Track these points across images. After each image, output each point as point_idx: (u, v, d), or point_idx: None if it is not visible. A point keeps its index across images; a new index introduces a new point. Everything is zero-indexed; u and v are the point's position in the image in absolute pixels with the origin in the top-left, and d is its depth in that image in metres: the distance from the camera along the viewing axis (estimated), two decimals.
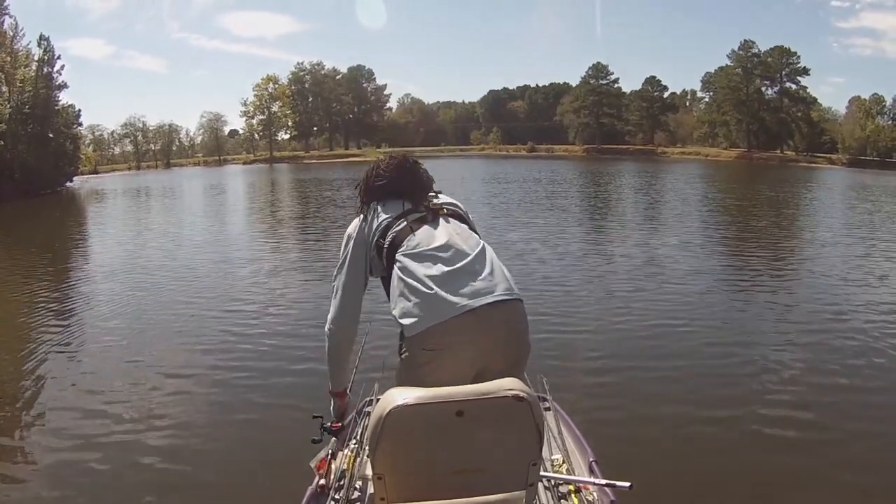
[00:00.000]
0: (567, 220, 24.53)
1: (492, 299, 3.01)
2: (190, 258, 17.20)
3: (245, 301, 12.09)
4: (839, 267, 14.78)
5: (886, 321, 10.09)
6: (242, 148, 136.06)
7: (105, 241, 22.62)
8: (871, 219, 26.36)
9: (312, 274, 14.74)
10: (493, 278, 3.11)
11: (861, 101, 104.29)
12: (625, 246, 17.55)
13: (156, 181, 67.20)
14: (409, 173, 3.53)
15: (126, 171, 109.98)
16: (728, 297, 11.94)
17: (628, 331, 9.63)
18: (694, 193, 38.14)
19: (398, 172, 3.51)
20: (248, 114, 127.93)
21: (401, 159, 3.58)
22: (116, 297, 12.73)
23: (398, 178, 3.49)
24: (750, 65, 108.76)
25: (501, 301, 3.03)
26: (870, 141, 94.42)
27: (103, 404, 7.27)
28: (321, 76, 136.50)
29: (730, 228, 23.25)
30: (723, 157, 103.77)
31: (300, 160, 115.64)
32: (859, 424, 6.42)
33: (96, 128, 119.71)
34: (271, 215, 30.34)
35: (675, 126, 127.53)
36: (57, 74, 65.17)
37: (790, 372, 7.88)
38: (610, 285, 12.72)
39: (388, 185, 3.48)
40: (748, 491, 5.26)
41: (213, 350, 9.22)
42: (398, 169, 3.52)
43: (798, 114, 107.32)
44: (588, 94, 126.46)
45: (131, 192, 50.76)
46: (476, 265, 3.13)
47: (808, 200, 35.54)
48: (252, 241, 21.76)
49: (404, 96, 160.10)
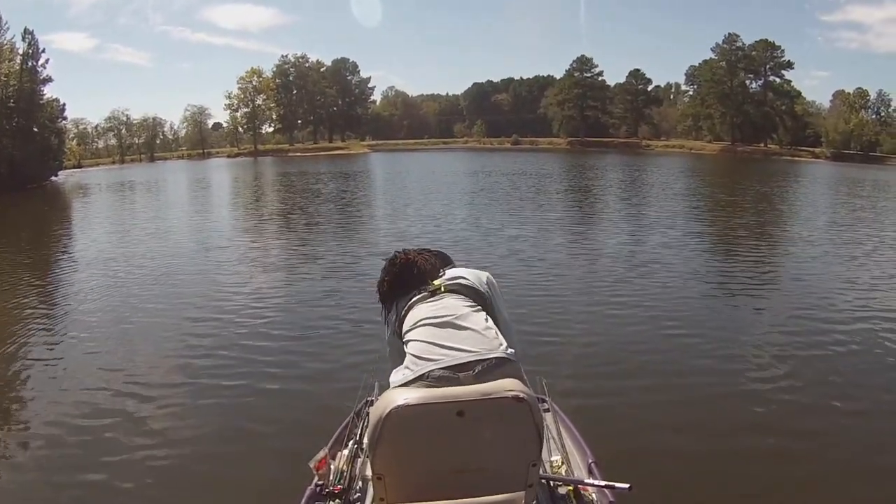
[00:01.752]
0: (561, 218, 24.62)
1: (470, 359, 2.97)
2: (176, 256, 17.14)
3: (240, 301, 12.08)
4: (842, 268, 14.76)
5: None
6: (226, 141, 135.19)
7: (91, 237, 22.31)
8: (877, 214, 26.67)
9: (301, 269, 14.90)
10: (477, 338, 3.09)
11: (845, 95, 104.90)
12: (624, 246, 17.52)
13: (140, 175, 66.67)
14: (406, 268, 3.61)
15: (110, 164, 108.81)
16: (728, 298, 11.98)
17: (628, 332, 9.66)
18: (684, 188, 38.38)
19: (399, 271, 3.61)
20: (233, 107, 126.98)
21: (390, 260, 3.69)
22: (101, 295, 12.76)
23: (399, 273, 3.60)
24: (734, 58, 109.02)
25: (487, 367, 2.94)
26: (853, 135, 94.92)
27: (92, 405, 7.27)
28: (305, 69, 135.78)
29: (722, 225, 23.23)
30: (707, 150, 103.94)
31: (284, 153, 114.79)
32: (863, 428, 6.46)
33: (80, 122, 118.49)
34: (256, 210, 30.17)
35: (659, 119, 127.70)
36: (41, 68, 64.85)
37: (791, 372, 7.94)
38: (610, 286, 12.65)
39: (395, 284, 3.57)
40: (747, 493, 5.28)
41: (207, 349, 9.24)
42: (391, 266, 3.64)
43: (782, 107, 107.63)
44: (572, 87, 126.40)
45: (115, 187, 50.38)
46: (462, 329, 3.14)
47: (805, 195, 36.09)
48: (238, 236, 21.61)
49: (388, 89, 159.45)
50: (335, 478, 3.30)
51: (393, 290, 3.58)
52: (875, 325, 9.89)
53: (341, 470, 3.34)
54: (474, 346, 3.06)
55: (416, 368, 2.97)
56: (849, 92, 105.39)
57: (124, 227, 24.97)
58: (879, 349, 8.77)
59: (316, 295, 12.44)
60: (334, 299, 11.95)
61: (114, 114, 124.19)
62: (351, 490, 3.24)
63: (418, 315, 3.25)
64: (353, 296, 11.80)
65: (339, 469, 3.35)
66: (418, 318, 3.22)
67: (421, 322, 3.20)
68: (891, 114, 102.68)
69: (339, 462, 3.40)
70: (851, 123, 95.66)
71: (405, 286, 3.53)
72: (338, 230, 21.94)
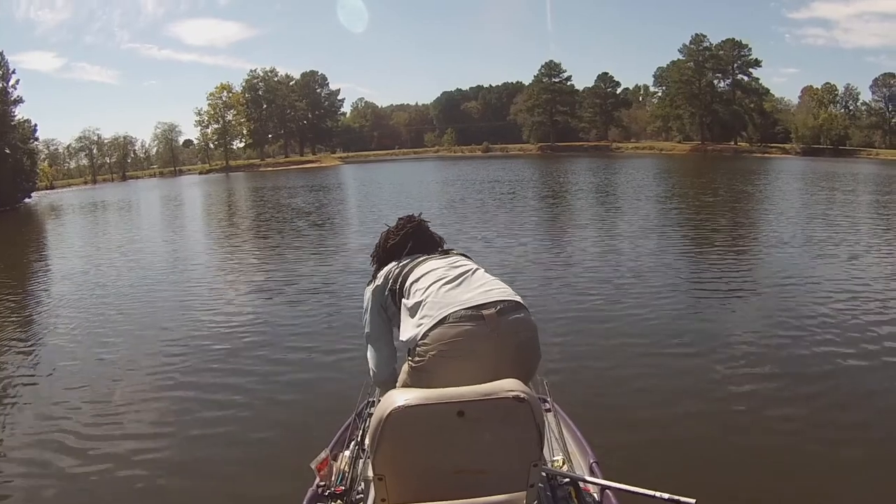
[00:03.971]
0: (545, 223, 24.63)
1: (494, 298, 3.09)
2: (151, 277, 16.72)
3: (239, 303, 12.35)
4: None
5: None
6: (198, 158, 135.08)
7: (66, 261, 21.99)
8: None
9: (300, 271, 15.22)
10: (497, 285, 3.22)
11: (813, 90, 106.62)
12: (623, 246, 17.51)
13: (113, 195, 66.10)
14: (419, 228, 3.70)
15: (82, 185, 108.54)
16: (728, 298, 11.86)
17: (628, 332, 9.64)
18: (664, 189, 38.30)
19: (409, 228, 3.68)
20: (203, 123, 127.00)
21: (408, 217, 3.77)
22: (79, 314, 12.61)
23: (410, 233, 3.64)
24: (702, 58, 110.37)
25: (507, 308, 3.07)
26: (823, 129, 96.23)
27: (90, 418, 7.23)
28: (275, 83, 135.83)
29: (713, 225, 23.23)
30: (677, 150, 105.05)
31: (256, 168, 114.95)
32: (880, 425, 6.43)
33: (51, 142, 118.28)
34: (231, 227, 29.84)
35: (628, 121, 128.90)
36: (12, 89, 64.48)
37: (793, 371, 7.90)
38: (610, 286, 12.65)
39: (401, 242, 3.62)
40: (749, 491, 5.28)
41: (206, 353, 9.30)
42: (408, 223, 3.71)
43: (751, 105, 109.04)
44: (541, 93, 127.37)
45: (89, 208, 49.93)
46: (479, 279, 3.25)
47: (779, 190, 36.24)
48: (213, 254, 21.36)
49: (358, 100, 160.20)
50: (337, 479, 3.30)
51: (399, 248, 3.61)
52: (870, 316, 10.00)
53: (343, 471, 3.35)
54: (493, 288, 3.17)
55: (436, 313, 3.03)
56: (817, 88, 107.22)
57: (99, 248, 24.60)
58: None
59: (316, 295, 12.59)
60: (335, 299, 12.07)
61: (85, 133, 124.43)
62: (352, 491, 3.25)
63: (430, 267, 3.32)
64: (353, 295, 11.70)
65: (340, 470, 3.35)
66: (430, 270, 3.30)
67: (434, 272, 3.26)
68: (859, 107, 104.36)
69: (341, 463, 3.40)
70: (820, 118, 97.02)
71: (415, 247, 3.58)
72: (335, 232, 22.17)
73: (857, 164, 68.56)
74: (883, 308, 10.46)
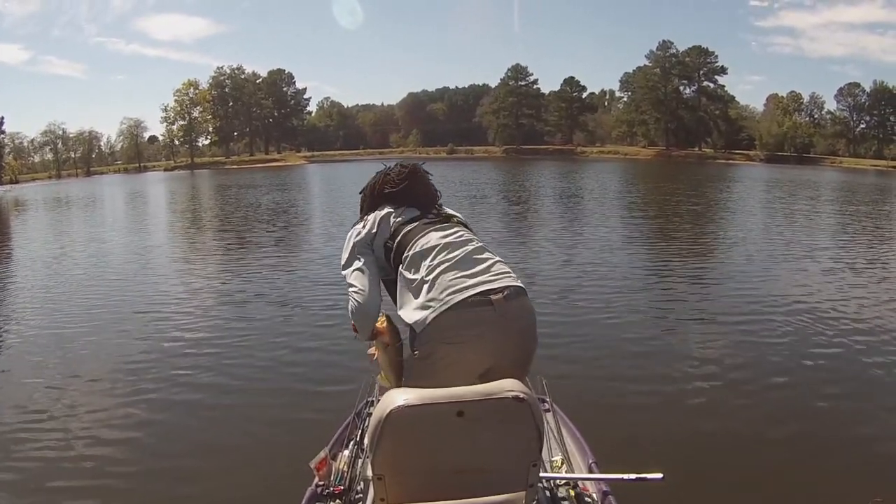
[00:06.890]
0: (537, 223, 24.62)
1: (503, 283, 3.10)
2: (116, 273, 16.39)
3: (238, 304, 12.03)
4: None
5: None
6: (162, 155, 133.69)
7: (33, 255, 21.70)
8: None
9: (296, 271, 15.23)
10: (502, 268, 3.21)
11: (779, 98, 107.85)
12: (622, 246, 17.68)
13: (78, 190, 64.72)
14: (422, 182, 3.57)
15: (47, 179, 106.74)
16: (729, 298, 11.94)
17: (628, 332, 9.68)
18: (642, 193, 38.53)
19: (411, 180, 3.53)
20: (169, 119, 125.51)
21: (413, 167, 3.60)
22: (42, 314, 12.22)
23: (411, 185, 3.51)
24: (668, 64, 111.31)
25: (512, 293, 3.09)
26: (787, 137, 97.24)
27: (82, 423, 7.05)
28: (241, 80, 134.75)
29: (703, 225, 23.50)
30: (641, 155, 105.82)
31: (221, 166, 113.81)
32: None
33: (16, 136, 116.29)
34: (194, 224, 29.26)
35: (593, 126, 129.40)
36: None
37: (794, 370, 7.98)
38: (610, 287, 12.67)
39: (399, 193, 3.49)
40: (750, 489, 5.33)
41: (204, 351, 9.18)
42: (411, 176, 3.54)
43: (716, 112, 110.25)
44: (507, 96, 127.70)
45: (53, 203, 49.01)
46: (483, 261, 3.20)
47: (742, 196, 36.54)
48: (178, 251, 20.99)
49: (324, 100, 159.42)
50: (336, 478, 3.31)
51: (390, 196, 3.50)
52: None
53: (342, 471, 3.35)
54: (500, 271, 3.16)
55: (445, 298, 3.02)
56: (782, 95, 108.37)
57: (64, 244, 24.22)
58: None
59: (314, 293, 12.53)
60: (332, 297, 11.90)
61: (50, 127, 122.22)
62: (351, 491, 3.26)
63: (433, 241, 3.22)
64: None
65: (339, 470, 3.36)
66: (434, 245, 3.21)
67: (439, 247, 3.19)
68: (824, 116, 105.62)
69: (340, 463, 3.41)
70: (785, 126, 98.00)
71: (408, 197, 3.49)
72: (331, 230, 21.91)
73: (821, 171, 69.30)
74: (849, 296, 11.20)
